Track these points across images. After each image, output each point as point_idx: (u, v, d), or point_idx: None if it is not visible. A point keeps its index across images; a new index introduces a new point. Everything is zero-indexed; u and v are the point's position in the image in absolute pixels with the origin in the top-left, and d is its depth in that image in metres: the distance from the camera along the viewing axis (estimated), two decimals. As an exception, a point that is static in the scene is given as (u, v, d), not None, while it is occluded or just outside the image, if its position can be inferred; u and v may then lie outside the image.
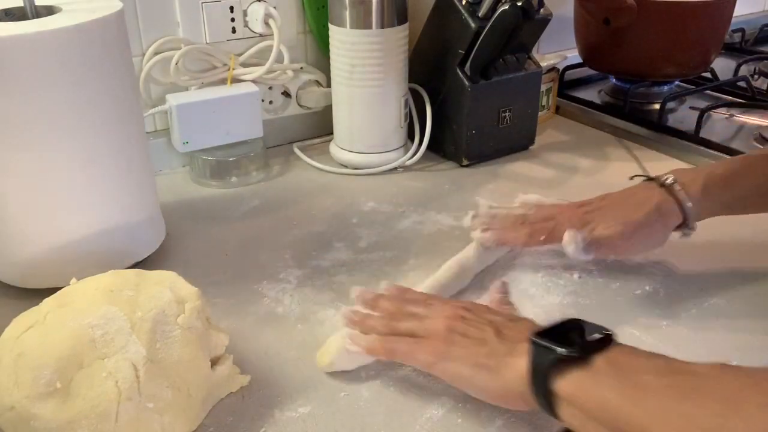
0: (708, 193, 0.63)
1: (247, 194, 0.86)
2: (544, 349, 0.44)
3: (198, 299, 0.53)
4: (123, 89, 0.63)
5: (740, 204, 0.65)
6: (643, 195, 0.64)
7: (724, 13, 1.06)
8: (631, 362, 0.42)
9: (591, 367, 0.43)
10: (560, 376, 0.43)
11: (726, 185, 0.64)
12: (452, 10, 0.87)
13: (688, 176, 0.64)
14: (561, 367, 0.43)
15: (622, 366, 0.42)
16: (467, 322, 0.50)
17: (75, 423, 0.45)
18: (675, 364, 0.42)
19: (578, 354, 0.43)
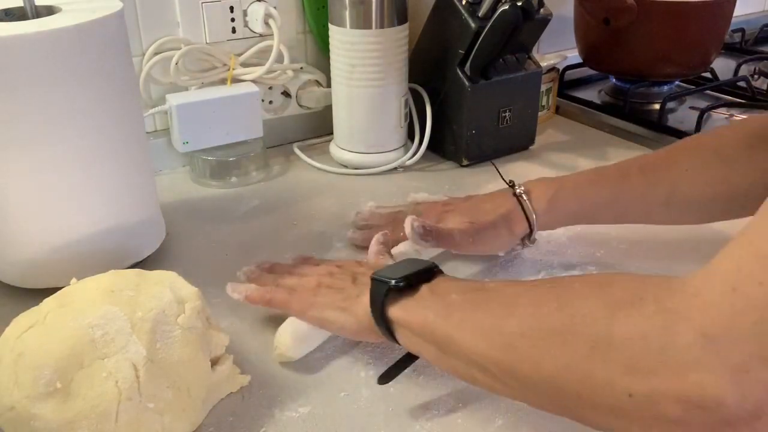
0: (554, 205, 0.66)
1: (247, 194, 0.86)
2: (381, 283, 0.51)
3: (198, 299, 0.53)
4: (123, 89, 0.63)
5: (589, 215, 0.68)
6: (497, 201, 0.69)
7: (724, 13, 1.06)
8: (446, 286, 0.50)
9: (417, 294, 0.50)
10: (393, 304, 0.50)
11: (574, 197, 0.67)
12: (452, 10, 0.87)
13: (540, 188, 0.67)
14: (393, 297, 0.50)
15: (439, 290, 0.49)
16: (333, 276, 0.58)
17: (75, 423, 0.45)
18: (477, 284, 0.50)
19: (405, 284, 0.50)
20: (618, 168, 0.68)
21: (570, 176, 0.69)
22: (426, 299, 0.49)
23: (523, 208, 0.66)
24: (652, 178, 0.65)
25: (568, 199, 0.67)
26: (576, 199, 0.67)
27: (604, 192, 0.66)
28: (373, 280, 0.52)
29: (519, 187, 0.68)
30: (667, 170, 0.65)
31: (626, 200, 0.66)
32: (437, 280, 0.51)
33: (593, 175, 0.68)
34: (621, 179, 0.66)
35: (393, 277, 0.51)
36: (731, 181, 0.63)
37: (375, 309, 0.51)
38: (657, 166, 0.66)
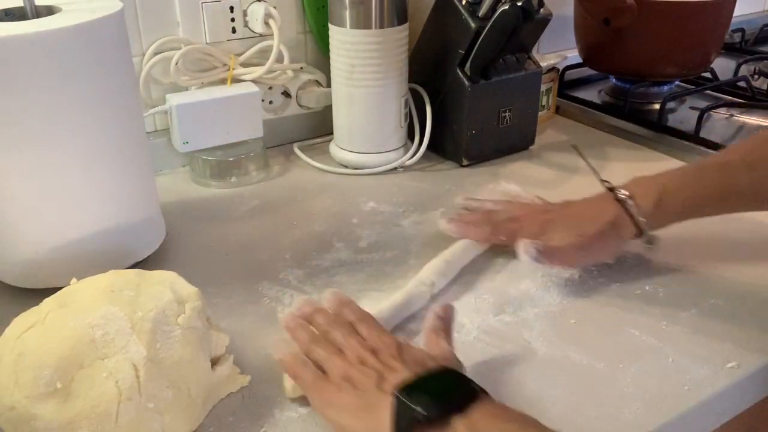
0: (661, 205, 0.64)
1: (247, 194, 0.86)
2: (406, 407, 0.44)
3: (198, 299, 0.53)
4: (123, 89, 0.63)
5: (696, 212, 0.66)
6: (599, 208, 0.66)
7: (724, 13, 1.06)
8: (489, 427, 0.42)
9: (449, 429, 0.42)
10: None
11: (679, 196, 0.65)
12: (452, 10, 0.87)
13: (642, 189, 0.65)
14: (420, 429, 0.43)
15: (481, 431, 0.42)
16: (363, 368, 0.50)
17: (75, 423, 0.45)
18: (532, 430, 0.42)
19: (437, 415, 0.43)
20: (720, 162, 0.67)
21: (671, 175, 0.66)
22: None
23: (630, 214, 0.64)
24: (759, 170, 0.64)
25: (674, 200, 0.65)
26: (682, 199, 0.65)
27: (710, 191, 0.65)
28: (397, 399, 0.44)
29: (620, 191, 0.66)
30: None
31: (734, 195, 0.65)
32: (477, 415, 0.43)
33: (696, 173, 0.66)
34: (726, 174, 0.65)
35: (421, 402, 0.43)
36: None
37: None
38: (760, 159, 0.64)
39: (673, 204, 0.65)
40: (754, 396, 0.59)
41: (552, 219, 0.67)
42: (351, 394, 0.48)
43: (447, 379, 0.47)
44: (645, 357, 0.58)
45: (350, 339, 0.53)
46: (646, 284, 0.67)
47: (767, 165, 0.64)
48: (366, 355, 0.51)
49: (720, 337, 0.60)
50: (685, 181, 0.66)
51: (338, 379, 0.50)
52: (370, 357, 0.51)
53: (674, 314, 0.63)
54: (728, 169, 0.65)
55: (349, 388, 0.49)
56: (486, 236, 0.70)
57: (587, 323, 0.62)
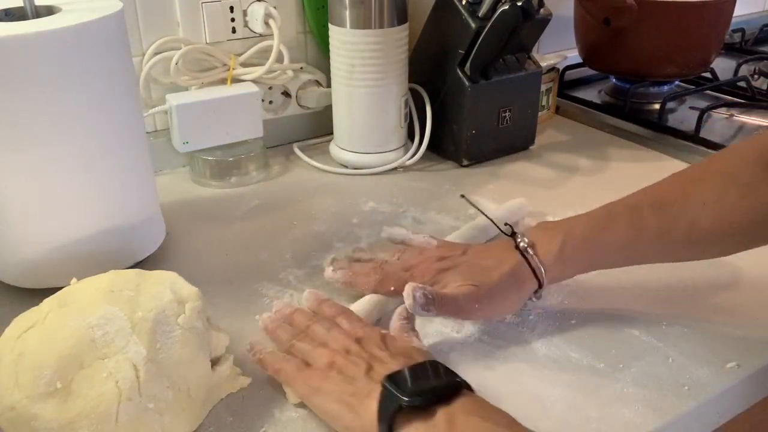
0: (563, 257, 0.60)
1: (247, 194, 0.86)
2: (391, 395, 0.45)
3: (198, 299, 0.53)
4: (123, 89, 0.63)
5: (602, 262, 0.62)
6: (500, 256, 0.61)
7: (724, 13, 1.06)
8: (469, 423, 0.43)
9: (431, 419, 0.43)
10: (403, 425, 0.44)
11: (584, 246, 0.60)
12: (452, 10, 0.87)
13: (545, 238, 0.60)
14: (404, 416, 0.44)
15: (458, 426, 0.43)
16: (348, 357, 0.51)
17: (75, 423, 0.45)
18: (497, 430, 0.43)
19: (419, 403, 0.44)
20: (627, 208, 0.61)
21: (575, 221, 0.62)
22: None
23: (530, 264, 0.59)
24: (667, 216, 0.59)
25: (578, 248, 0.60)
26: (587, 248, 0.60)
27: (617, 237, 0.60)
28: (384, 388, 0.46)
29: (521, 239, 0.61)
30: (682, 206, 0.59)
31: (642, 243, 0.60)
32: (458, 406, 0.44)
33: (602, 219, 0.61)
34: (633, 221, 0.60)
35: (407, 390, 0.44)
36: (754, 209, 0.57)
37: (383, 424, 0.45)
38: (670, 203, 0.59)
39: (575, 254, 0.60)
40: (754, 396, 0.59)
41: (447, 267, 0.61)
42: (339, 381, 0.49)
43: (433, 370, 0.47)
44: (645, 357, 0.58)
45: (333, 331, 0.54)
46: (646, 284, 0.67)
47: (675, 211, 0.59)
48: (351, 345, 0.52)
49: (720, 337, 0.60)
50: (591, 226, 0.61)
51: (324, 367, 0.51)
52: (355, 346, 0.52)
53: (674, 314, 0.63)
54: (635, 213, 0.60)
55: (336, 375, 0.50)
56: (373, 287, 0.63)
57: (587, 323, 0.62)
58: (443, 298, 0.57)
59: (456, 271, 0.61)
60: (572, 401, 0.53)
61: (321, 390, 0.50)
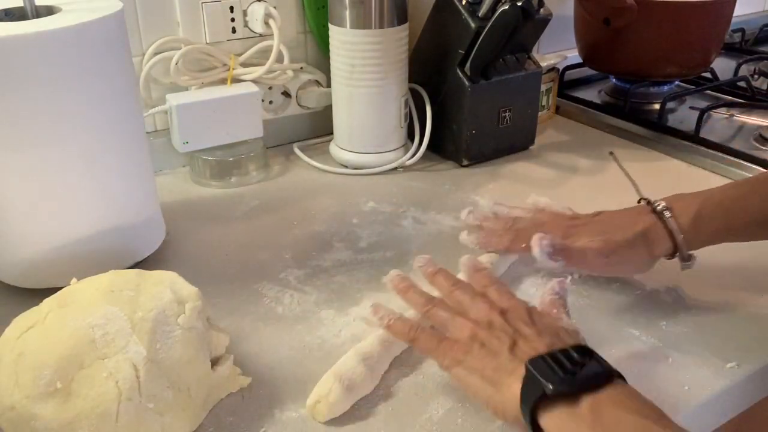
0: (700, 223, 0.60)
1: (247, 194, 0.86)
2: (535, 380, 0.44)
3: (198, 299, 0.53)
4: (123, 89, 0.63)
5: (740, 232, 0.62)
6: (633, 217, 0.62)
7: (724, 13, 1.06)
8: (614, 415, 0.42)
9: (576, 408, 0.42)
10: (546, 411, 0.43)
11: (721, 215, 0.61)
12: (452, 10, 0.87)
13: (682, 203, 0.61)
14: (548, 402, 0.43)
15: (604, 417, 0.42)
16: (492, 331, 0.49)
17: (75, 423, 0.45)
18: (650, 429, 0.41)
19: (566, 390, 0.43)
20: (765, 182, 0.62)
21: (715, 190, 0.62)
22: (585, 424, 0.41)
23: (666, 226, 0.60)
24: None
25: (715, 215, 0.60)
26: (724, 215, 0.60)
27: (756, 207, 0.60)
28: (528, 371, 0.44)
29: (658, 202, 0.62)
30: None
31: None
32: (605, 395, 0.43)
33: (742, 189, 0.62)
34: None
35: (552, 377, 0.43)
36: None
37: (525, 407, 0.44)
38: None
39: (711, 221, 0.61)
40: (754, 396, 0.59)
41: (578, 225, 0.63)
42: (482, 355, 0.48)
43: (582, 355, 0.45)
44: (645, 357, 0.58)
45: (477, 300, 0.52)
46: (646, 284, 0.67)
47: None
48: (495, 317, 0.50)
49: (720, 337, 0.60)
50: (730, 197, 0.61)
51: (466, 339, 0.49)
52: (499, 319, 0.50)
53: (674, 314, 0.63)
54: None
55: (479, 348, 0.48)
56: (506, 245, 0.65)
57: (587, 323, 0.62)
58: (570, 249, 0.58)
59: (586, 228, 0.62)
60: (572, 401, 0.53)
61: (463, 363, 0.49)
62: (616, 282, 0.67)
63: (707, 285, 0.67)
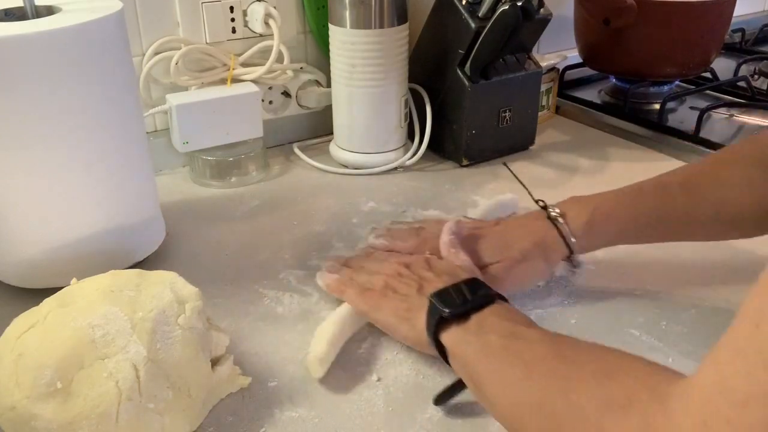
0: (592, 227, 0.62)
1: (247, 194, 0.86)
2: (435, 308, 0.52)
3: (198, 299, 0.53)
4: (123, 89, 0.63)
5: (630, 236, 0.64)
6: (530, 227, 0.64)
7: (724, 13, 1.06)
8: (492, 323, 0.50)
9: (466, 325, 0.50)
10: (445, 331, 0.51)
11: (613, 218, 0.63)
12: (452, 10, 0.87)
13: (575, 209, 0.63)
14: (445, 324, 0.51)
15: (485, 326, 0.49)
16: (401, 279, 0.58)
17: (75, 423, 0.45)
18: (517, 328, 0.48)
19: (458, 313, 0.51)
20: (657, 185, 0.64)
21: (606, 195, 0.64)
22: (471, 333, 0.50)
23: (560, 233, 0.62)
24: (696, 196, 0.62)
25: (607, 220, 0.63)
26: (615, 220, 0.63)
27: (645, 211, 0.63)
28: (430, 303, 0.52)
29: (552, 209, 0.64)
30: (711, 188, 0.62)
31: (669, 219, 0.63)
32: (488, 311, 0.51)
33: (631, 194, 0.64)
34: (662, 197, 0.63)
35: (448, 304, 0.51)
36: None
37: (429, 332, 0.52)
38: (700, 184, 0.63)
39: (605, 224, 0.63)
40: (754, 396, 0.59)
41: (480, 235, 0.65)
42: (395, 299, 0.57)
43: (472, 286, 0.54)
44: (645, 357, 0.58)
45: (384, 261, 0.63)
46: (646, 284, 0.67)
47: (704, 190, 0.62)
48: (402, 269, 0.60)
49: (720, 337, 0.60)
50: (620, 201, 0.64)
51: (381, 288, 0.59)
52: (405, 270, 0.60)
53: (674, 314, 0.63)
54: (665, 191, 0.63)
55: (393, 293, 0.58)
56: (411, 248, 0.67)
57: (587, 323, 0.62)
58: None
59: (487, 238, 0.65)
60: (572, 401, 0.53)
61: (381, 307, 0.58)
62: (616, 282, 0.67)
63: (707, 285, 0.67)
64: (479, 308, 0.51)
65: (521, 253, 0.62)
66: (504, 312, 0.51)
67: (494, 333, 0.48)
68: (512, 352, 0.47)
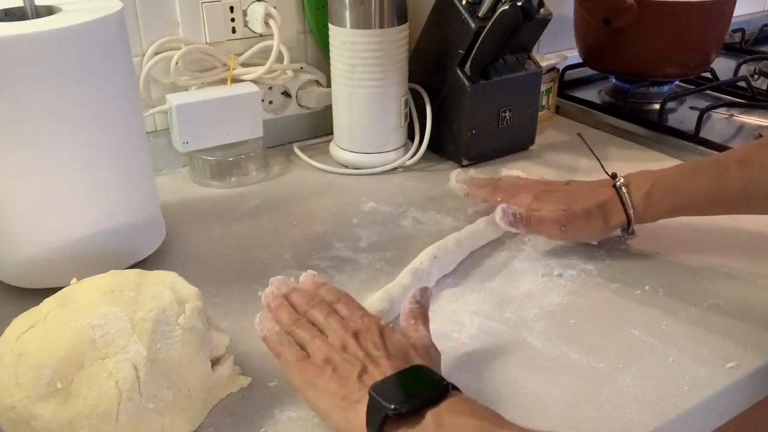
0: (650, 198, 0.68)
1: (247, 194, 0.86)
2: (378, 404, 0.45)
3: (198, 299, 0.53)
4: (123, 89, 0.63)
5: (687, 208, 0.68)
6: (595, 190, 0.70)
7: (724, 13, 1.06)
8: (455, 421, 0.43)
9: (419, 423, 0.44)
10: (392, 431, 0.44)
11: (671, 192, 0.68)
12: (452, 10, 0.87)
13: (637, 180, 0.69)
14: (392, 423, 0.44)
15: (446, 425, 0.43)
16: (344, 356, 0.51)
17: (75, 423, 0.45)
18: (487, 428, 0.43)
19: (406, 410, 0.44)
20: (714, 161, 0.69)
21: (667, 170, 0.69)
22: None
23: (621, 200, 0.68)
24: (753, 170, 0.65)
25: (665, 193, 0.68)
26: (673, 193, 0.68)
27: (702, 186, 0.67)
28: (371, 397, 0.46)
29: (620, 178, 0.69)
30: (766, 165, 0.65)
31: (725, 194, 0.66)
32: (445, 407, 0.45)
33: (690, 169, 0.69)
34: (718, 171, 0.67)
35: (394, 398, 0.45)
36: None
37: (371, 430, 0.45)
38: (756, 158, 0.65)
39: (663, 197, 0.68)
40: (754, 396, 0.59)
41: (548, 191, 0.72)
42: (333, 381, 0.49)
43: (420, 375, 0.48)
44: (645, 357, 0.58)
45: (330, 319, 0.54)
46: (646, 284, 0.67)
47: (760, 164, 0.65)
48: (348, 340, 0.52)
49: (720, 336, 0.60)
50: (679, 176, 0.68)
51: (321, 362, 0.51)
52: (353, 342, 0.51)
53: (674, 314, 0.63)
54: (722, 167, 0.67)
55: (331, 373, 0.50)
56: (484, 196, 0.75)
57: (587, 323, 0.62)
58: (530, 218, 0.68)
59: (554, 195, 0.71)
60: (572, 401, 0.53)
61: (316, 386, 0.50)
62: (616, 282, 0.67)
63: (707, 285, 0.67)
64: (433, 403, 0.45)
65: (584, 209, 0.68)
66: (465, 407, 0.45)
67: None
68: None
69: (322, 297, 0.57)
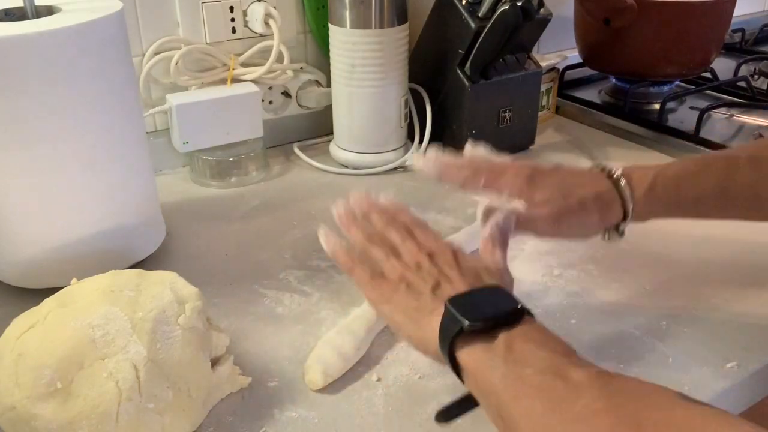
0: (653, 193, 0.59)
1: (247, 194, 0.86)
2: (453, 317, 0.45)
3: (198, 299, 0.53)
4: (123, 89, 0.63)
5: (691, 207, 0.61)
6: (590, 179, 0.60)
7: (724, 13, 1.06)
8: (525, 351, 0.43)
9: (491, 344, 0.43)
10: (463, 347, 0.44)
11: (675, 187, 0.60)
12: (452, 10, 0.87)
13: (638, 173, 0.60)
14: (465, 338, 0.44)
15: (517, 353, 0.43)
16: (419, 272, 0.51)
17: (75, 423, 0.45)
18: (559, 367, 0.41)
19: (480, 329, 0.44)
20: (725, 157, 0.62)
21: (670, 164, 0.62)
22: (499, 358, 0.43)
23: (621, 194, 0.59)
24: (764, 170, 0.59)
25: (669, 188, 0.59)
26: (677, 188, 0.59)
27: (710, 183, 0.59)
28: (447, 309, 0.45)
29: (615, 169, 0.60)
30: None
31: (734, 192, 0.59)
32: (519, 332, 0.44)
33: (697, 164, 0.61)
34: (727, 169, 0.60)
35: (469, 315, 0.44)
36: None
37: (443, 344, 0.45)
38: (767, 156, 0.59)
39: (665, 193, 0.60)
40: (754, 396, 0.59)
41: (540, 174, 0.60)
42: (407, 295, 0.50)
43: (498, 295, 0.47)
44: (645, 357, 0.58)
45: (407, 242, 0.54)
46: (646, 284, 0.67)
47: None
48: (423, 260, 0.52)
49: (720, 336, 0.60)
50: (685, 171, 0.60)
51: (395, 280, 0.51)
52: (427, 261, 0.51)
53: (674, 314, 0.63)
54: (731, 164, 0.60)
55: (406, 289, 0.50)
56: (465, 179, 0.60)
57: (587, 323, 0.62)
58: (520, 221, 0.56)
59: (547, 179, 0.59)
60: (572, 401, 0.53)
61: (390, 300, 0.51)
62: (616, 282, 0.67)
63: (707, 285, 0.67)
64: (508, 325, 0.44)
65: (579, 201, 0.58)
66: (538, 336, 0.44)
67: (529, 366, 0.41)
68: (557, 398, 0.40)
69: (402, 220, 0.56)
